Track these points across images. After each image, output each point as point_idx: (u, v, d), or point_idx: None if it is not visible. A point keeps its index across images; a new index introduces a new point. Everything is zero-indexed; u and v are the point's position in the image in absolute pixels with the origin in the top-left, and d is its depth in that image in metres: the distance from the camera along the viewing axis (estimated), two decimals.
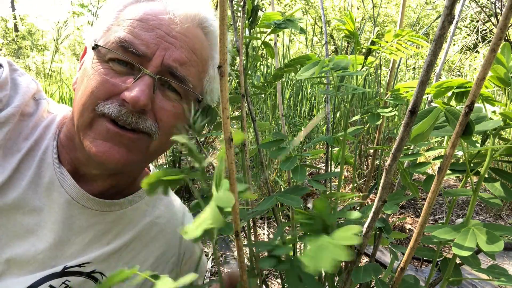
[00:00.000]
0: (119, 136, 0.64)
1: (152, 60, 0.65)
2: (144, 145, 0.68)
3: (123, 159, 0.65)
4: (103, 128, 0.64)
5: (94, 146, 0.64)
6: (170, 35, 0.66)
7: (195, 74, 0.71)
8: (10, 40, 11.13)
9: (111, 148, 0.64)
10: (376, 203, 0.52)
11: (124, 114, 0.63)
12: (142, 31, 0.65)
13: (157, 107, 0.67)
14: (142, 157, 0.70)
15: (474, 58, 6.37)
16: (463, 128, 0.44)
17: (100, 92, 0.64)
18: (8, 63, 0.70)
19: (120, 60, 0.65)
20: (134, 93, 0.62)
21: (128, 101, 0.62)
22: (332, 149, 0.87)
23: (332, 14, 6.94)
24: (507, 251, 1.79)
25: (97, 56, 0.66)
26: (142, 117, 0.65)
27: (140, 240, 0.80)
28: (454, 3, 0.39)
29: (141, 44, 0.64)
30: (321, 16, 1.31)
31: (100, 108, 0.63)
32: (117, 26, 0.67)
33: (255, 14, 0.68)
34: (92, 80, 0.65)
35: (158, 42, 0.65)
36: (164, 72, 0.66)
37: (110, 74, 0.65)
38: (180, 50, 0.67)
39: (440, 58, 1.08)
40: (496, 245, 0.44)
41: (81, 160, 0.70)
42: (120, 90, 0.64)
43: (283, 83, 2.49)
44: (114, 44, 0.65)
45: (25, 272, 0.65)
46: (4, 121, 0.65)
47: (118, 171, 0.71)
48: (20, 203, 0.66)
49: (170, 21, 0.66)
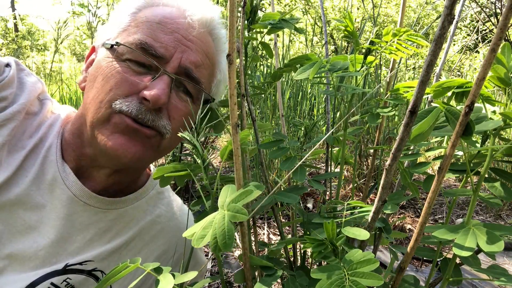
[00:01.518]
0: (136, 132, 0.66)
1: (170, 62, 0.68)
2: (156, 143, 0.70)
3: (138, 154, 0.67)
4: (122, 123, 0.65)
5: (111, 140, 0.66)
6: (187, 38, 0.70)
7: (206, 77, 0.74)
8: (10, 40, 11.13)
9: (127, 142, 0.66)
10: (376, 203, 0.52)
11: (143, 112, 0.66)
12: (162, 34, 0.68)
13: (171, 106, 0.69)
14: (154, 154, 0.72)
15: (474, 58, 6.37)
16: (463, 128, 0.44)
17: (119, 89, 0.66)
18: (15, 62, 0.72)
19: (137, 61, 0.68)
20: (155, 92, 0.65)
21: (149, 99, 0.64)
22: (332, 149, 0.87)
23: (332, 14, 6.94)
24: (507, 251, 1.79)
25: (113, 55, 0.69)
26: (158, 115, 0.67)
27: (141, 239, 0.80)
28: (454, 3, 0.39)
29: (160, 47, 0.67)
30: (321, 16, 1.31)
31: (118, 105, 0.65)
32: (135, 28, 0.69)
33: (254, 15, 0.68)
34: (111, 78, 0.67)
35: (176, 45, 0.68)
36: (180, 74, 0.69)
37: (129, 73, 0.67)
38: (196, 53, 0.71)
39: (440, 58, 1.08)
40: (496, 245, 0.44)
41: (89, 155, 0.71)
42: (138, 89, 0.66)
43: (283, 83, 2.49)
44: (133, 45, 0.67)
45: (26, 269, 0.65)
46: (10, 118, 0.67)
47: (128, 166, 0.71)
48: (23, 199, 0.67)
49: (188, 25, 0.70)
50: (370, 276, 0.43)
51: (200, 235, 0.38)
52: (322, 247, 0.52)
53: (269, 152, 0.74)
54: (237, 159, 0.43)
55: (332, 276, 0.44)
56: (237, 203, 0.40)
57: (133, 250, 0.79)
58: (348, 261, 0.47)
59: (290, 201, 0.61)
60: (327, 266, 0.47)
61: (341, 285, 0.43)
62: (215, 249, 0.37)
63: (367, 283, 0.42)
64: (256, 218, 1.33)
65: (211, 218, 0.40)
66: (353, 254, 0.48)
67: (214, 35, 0.76)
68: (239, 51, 0.66)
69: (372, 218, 0.54)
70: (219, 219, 0.38)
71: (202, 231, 0.39)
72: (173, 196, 0.91)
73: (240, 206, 0.39)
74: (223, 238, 0.37)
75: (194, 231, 0.40)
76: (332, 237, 0.51)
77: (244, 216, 0.37)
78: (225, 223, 0.37)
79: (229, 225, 0.37)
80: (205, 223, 0.39)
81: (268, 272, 0.54)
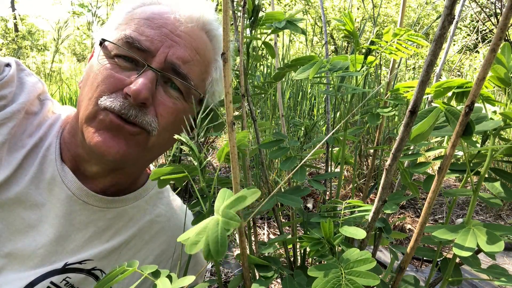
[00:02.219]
0: (119, 128, 0.66)
1: (156, 56, 0.67)
2: (142, 140, 0.69)
3: (122, 151, 0.66)
4: (106, 120, 0.65)
5: (94, 137, 0.65)
6: (175, 33, 0.69)
7: (197, 74, 0.73)
8: (10, 40, 11.12)
9: (110, 139, 0.65)
10: (376, 203, 0.52)
11: (126, 108, 0.65)
12: (148, 29, 0.68)
13: (157, 103, 0.68)
14: (140, 152, 0.70)
15: (474, 58, 6.36)
16: (463, 128, 0.44)
17: (104, 85, 0.66)
18: (16, 63, 0.72)
19: (125, 56, 0.67)
20: (135, 87, 0.64)
21: (130, 94, 0.64)
22: (332, 149, 0.87)
23: (332, 14, 6.94)
24: (507, 251, 1.79)
25: (104, 52, 0.69)
26: (142, 111, 0.66)
27: (140, 238, 0.81)
28: (454, 3, 0.39)
29: (145, 40, 0.67)
30: (321, 16, 1.31)
31: (103, 101, 0.65)
32: (125, 25, 0.70)
33: (256, 14, 0.68)
34: (98, 75, 0.67)
35: (163, 40, 0.68)
36: (167, 69, 0.69)
37: (116, 69, 0.67)
38: (184, 49, 0.70)
39: (440, 58, 1.08)
40: (496, 245, 0.44)
41: (83, 156, 0.72)
42: (124, 84, 0.66)
43: (283, 83, 2.49)
44: (120, 40, 0.67)
45: (25, 268, 0.65)
46: (9, 117, 0.67)
47: (116, 165, 0.71)
48: (22, 198, 0.67)
49: (175, 20, 0.69)
50: (367, 275, 0.43)
51: (194, 241, 0.38)
52: (319, 246, 0.52)
53: (269, 152, 0.74)
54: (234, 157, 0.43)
55: (328, 274, 0.44)
56: (231, 209, 0.39)
57: (132, 249, 0.79)
58: (345, 260, 0.47)
59: (293, 204, 0.60)
60: (324, 264, 0.47)
61: (337, 283, 0.43)
62: (208, 256, 0.36)
63: (363, 282, 0.42)
64: (256, 218, 1.33)
65: (206, 223, 0.39)
66: (350, 253, 0.48)
67: (211, 32, 0.76)
68: (240, 51, 0.66)
69: (372, 218, 0.54)
70: (212, 225, 0.38)
71: (196, 236, 0.38)
72: (172, 196, 0.91)
73: (233, 213, 0.38)
74: (215, 245, 0.36)
75: (188, 236, 0.39)
76: (329, 236, 0.51)
77: (237, 223, 0.37)
78: (219, 230, 0.37)
79: (222, 232, 0.37)
80: (199, 229, 0.39)
81: (264, 272, 0.54)
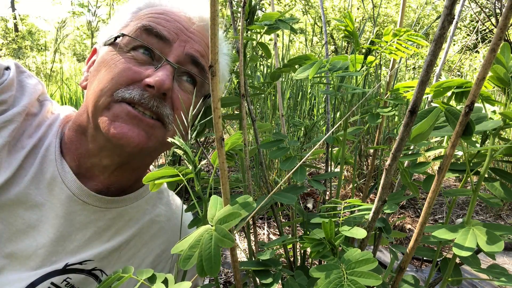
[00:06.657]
0: (139, 120, 0.66)
1: (172, 49, 0.69)
2: (160, 133, 0.70)
3: (142, 143, 0.67)
4: (123, 110, 0.65)
5: (113, 127, 0.65)
6: (189, 30, 0.72)
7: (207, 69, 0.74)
8: (10, 40, 11.12)
9: (131, 130, 0.66)
10: (376, 203, 0.52)
11: (146, 98, 0.66)
12: (164, 21, 0.70)
13: (175, 96, 0.70)
14: (157, 146, 0.71)
15: (474, 58, 6.36)
16: (463, 128, 0.44)
17: (122, 78, 0.66)
18: (15, 65, 0.72)
19: (142, 47, 0.69)
20: (159, 77, 0.65)
21: (153, 84, 0.65)
22: (332, 149, 0.87)
23: (332, 14, 6.94)
24: (507, 251, 1.79)
25: (117, 49, 0.70)
26: (162, 103, 0.68)
27: (140, 238, 0.81)
28: (454, 3, 0.39)
29: (163, 30, 0.69)
30: (321, 16, 1.31)
31: (120, 93, 0.66)
32: (137, 20, 0.71)
33: (252, 16, 0.69)
34: (114, 68, 0.67)
35: (178, 33, 0.70)
36: (184, 63, 0.71)
37: (133, 63, 0.68)
38: (199, 44, 0.72)
39: (440, 58, 1.08)
40: (496, 245, 0.44)
41: (93, 151, 0.71)
42: (141, 77, 0.67)
43: (283, 83, 2.49)
44: (138, 31, 0.69)
45: (26, 268, 0.66)
46: (10, 120, 0.67)
47: (130, 158, 0.71)
48: (22, 198, 0.67)
49: (187, 18, 0.72)
50: (369, 275, 0.43)
51: (187, 255, 0.38)
52: (320, 247, 0.52)
53: (269, 152, 0.74)
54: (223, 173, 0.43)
55: (330, 275, 0.44)
56: (224, 225, 0.39)
57: (132, 249, 0.79)
58: (346, 261, 0.47)
59: (287, 201, 0.61)
60: (325, 265, 0.47)
61: (339, 284, 0.43)
62: (202, 273, 0.36)
63: (365, 282, 0.42)
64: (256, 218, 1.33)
65: (199, 235, 0.39)
66: (352, 253, 0.48)
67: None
68: (239, 51, 0.66)
69: (372, 218, 0.54)
70: (206, 239, 0.38)
71: (189, 250, 0.38)
72: (172, 196, 0.91)
73: (227, 230, 0.38)
74: (209, 262, 0.36)
75: (182, 248, 0.39)
76: (330, 236, 0.51)
77: (230, 242, 0.37)
78: (212, 247, 0.37)
79: (216, 249, 0.37)
80: (193, 241, 0.39)
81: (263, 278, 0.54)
